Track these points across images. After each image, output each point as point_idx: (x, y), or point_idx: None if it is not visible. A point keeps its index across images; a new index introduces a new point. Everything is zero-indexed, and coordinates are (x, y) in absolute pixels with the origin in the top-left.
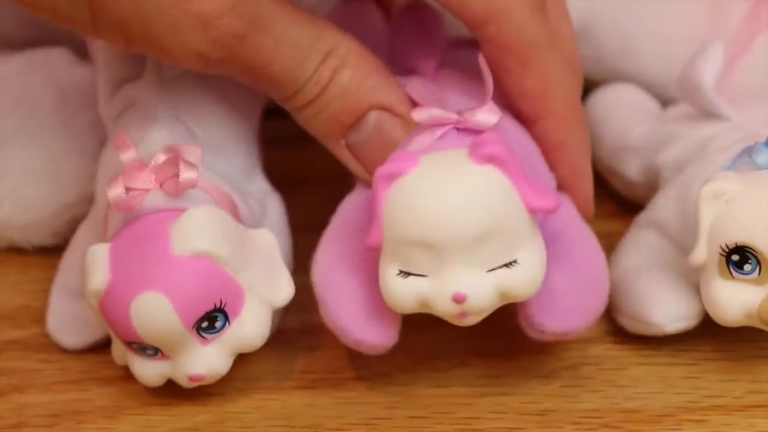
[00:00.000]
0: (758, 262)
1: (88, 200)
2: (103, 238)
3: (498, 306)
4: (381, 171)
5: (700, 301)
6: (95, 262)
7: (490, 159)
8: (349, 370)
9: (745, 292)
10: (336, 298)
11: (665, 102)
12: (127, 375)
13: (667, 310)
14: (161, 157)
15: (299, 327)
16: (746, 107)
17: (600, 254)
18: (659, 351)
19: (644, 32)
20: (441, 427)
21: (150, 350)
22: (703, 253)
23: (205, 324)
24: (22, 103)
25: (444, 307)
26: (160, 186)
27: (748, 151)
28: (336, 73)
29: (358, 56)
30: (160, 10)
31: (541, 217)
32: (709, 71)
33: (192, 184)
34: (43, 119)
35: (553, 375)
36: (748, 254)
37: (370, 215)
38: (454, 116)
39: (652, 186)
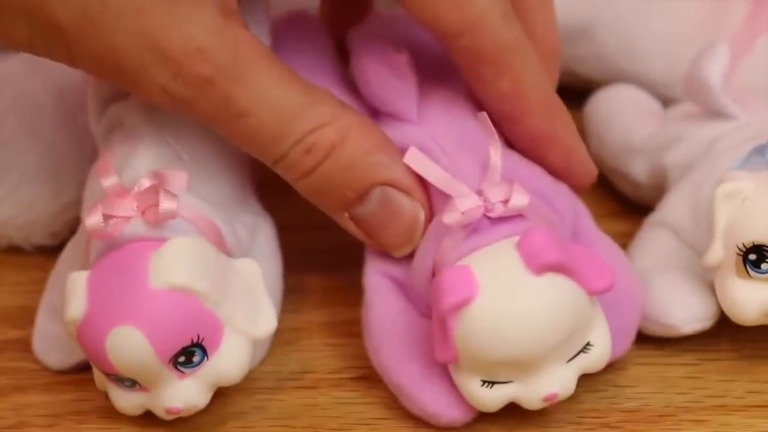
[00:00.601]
0: None
1: None
2: (85, 262)
3: None
4: (447, 304)
5: (716, 301)
6: (73, 290)
7: (549, 268)
8: (349, 370)
9: (763, 292)
10: (418, 387)
11: (667, 101)
12: None
13: (684, 311)
14: (145, 183)
15: (299, 327)
16: (750, 106)
17: (631, 269)
18: (659, 351)
19: (647, 32)
20: None
21: (127, 382)
22: (718, 253)
23: (182, 359)
24: (21, 103)
25: (535, 406)
26: (142, 214)
27: (760, 150)
28: (335, 147)
29: (359, 130)
30: (128, 47)
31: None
32: (715, 70)
33: (172, 215)
34: (42, 119)
35: None
36: (766, 253)
37: (436, 332)
38: (481, 204)
39: (659, 187)
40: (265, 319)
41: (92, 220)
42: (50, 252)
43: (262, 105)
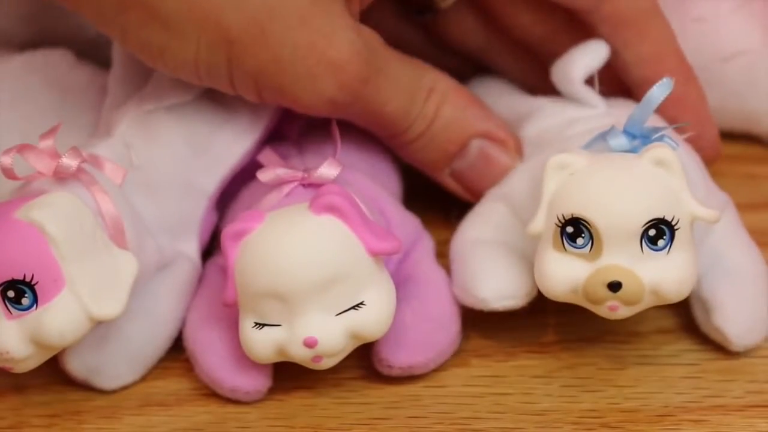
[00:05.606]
0: (591, 238)
1: None
2: None
3: (352, 348)
4: (228, 231)
5: (530, 281)
6: None
7: (328, 209)
8: (349, 370)
9: (574, 267)
10: (205, 352)
11: None
12: None
13: (495, 286)
14: (77, 153)
15: None
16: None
17: (450, 293)
18: (659, 351)
19: None
20: (441, 427)
21: None
22: (540, 222)
23: (11, 293)
24: (21, 104)
25: (298, 353)
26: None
27: (604, 135)
28: (439, 107)
29: (456, 90)
30: (296, 58)
31: (395, 261)
32: (582, 64)
33: (68, 170)
34: (42, 120)
35: (552, 375)
36: (582, 227)
37: (224, 274)
38: (299, 174)
39: None
40: (110, 304)
41: (5, 158)
42: None
43: (398, 88)
